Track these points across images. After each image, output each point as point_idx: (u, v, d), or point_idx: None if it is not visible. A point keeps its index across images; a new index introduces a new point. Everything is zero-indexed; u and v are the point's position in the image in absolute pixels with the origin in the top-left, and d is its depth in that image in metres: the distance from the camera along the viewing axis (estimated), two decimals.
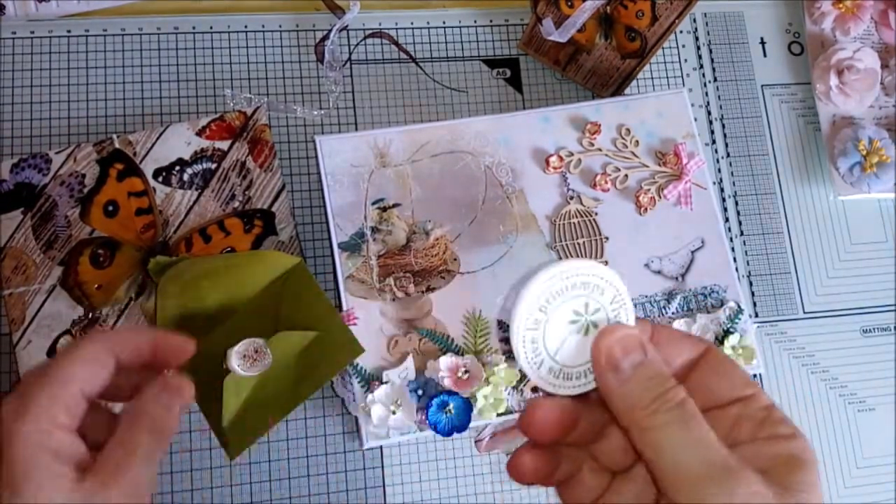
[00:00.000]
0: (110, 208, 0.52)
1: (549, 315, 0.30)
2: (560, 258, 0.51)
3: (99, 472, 0.30)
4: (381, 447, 0.53)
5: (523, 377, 0.48)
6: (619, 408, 0.29)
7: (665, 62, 0.65)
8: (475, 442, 0.54)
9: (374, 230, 0.50)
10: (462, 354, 0.48)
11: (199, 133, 0.54)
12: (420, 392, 0.47)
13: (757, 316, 0.60)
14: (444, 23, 0.63)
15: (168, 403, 0.34)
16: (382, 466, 0.53)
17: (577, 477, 0.31)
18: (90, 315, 0.50)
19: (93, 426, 0.33)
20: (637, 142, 0.54)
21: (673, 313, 0.51)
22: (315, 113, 0.59)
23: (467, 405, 0.47)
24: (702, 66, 0.65)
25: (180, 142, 0.54)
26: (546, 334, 0.30)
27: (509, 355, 0.48)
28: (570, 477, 0.31)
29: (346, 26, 0.60)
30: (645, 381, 0.28)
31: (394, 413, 0.47)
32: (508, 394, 0.48)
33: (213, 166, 0.54)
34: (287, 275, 0.47)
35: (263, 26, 0.61)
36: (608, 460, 0.31)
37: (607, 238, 0.52)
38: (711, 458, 0.26)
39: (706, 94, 0.65)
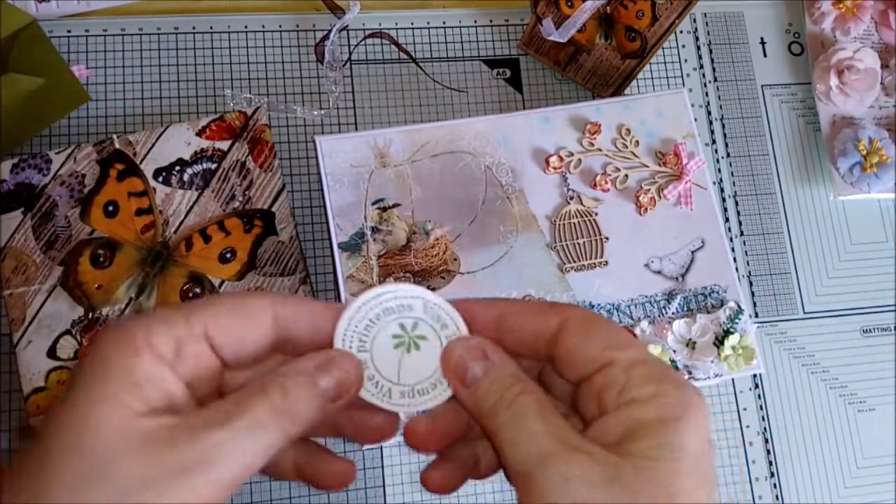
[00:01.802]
0: (110, 208, 0.52)
1: (370, 351, 0.30)
2: (560, 258, 0.51)
3: (167, 423, 0.25)
4: (381, 447, 0.53)
5: None
6: (474, 418, 0.29)
7: (665, 62, 0.65)
8: None
9: (374, 230, 0.50)
10: None
11: (200, 133, 0.54)
12: None
13: (757, 316, 0.60)
14: (444, 23, 0.63)
15: (317, 385, 0.27)
16: (382, 466, 0.53)
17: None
18: (90, 315, 0.50)
19: None
20: (637, 142, 0.54)
21: (673, 313, 0.51)
22: (315, 113, 0.59)
23: None
24: (702, 66, 0.65)
25: (180, 142, 0.54)
26: (378, 367, 0.30)
27: None
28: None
29: (346, 26, 0.60)
30: (487, 386, 0.28)
31: None
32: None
33: (214, 166, 0.54)
34: (19, 31, 0.52)
35: (263, 26, 0.61)
36: None
37: (607, 238, 0.52)
38: (536, 450, 0.25)
39: (706, 94, 0.65)
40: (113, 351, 0.25)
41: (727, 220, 0.62)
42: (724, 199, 0.62)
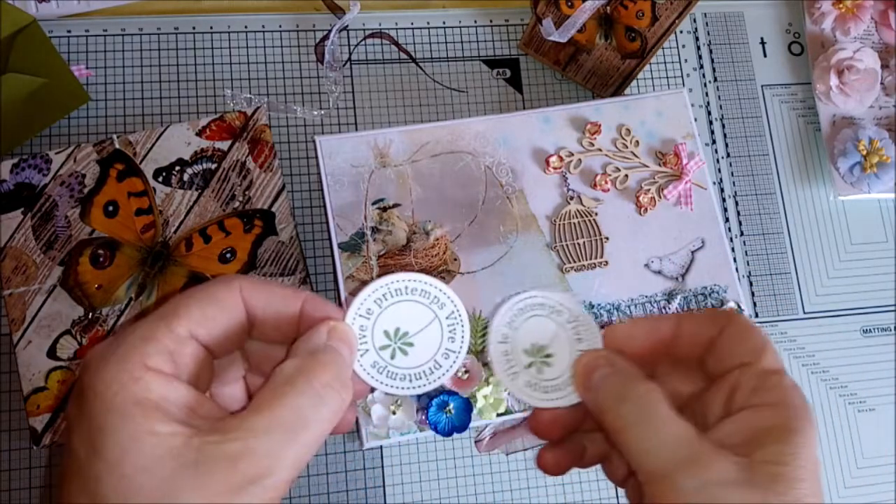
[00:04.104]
0: (110, 208, 0.52)
1: (513, 337, 0.35)
2: (560, 258, 0.51)
3: (214, 441, 0.24)
4: (381, 447, 0.53)
5: None
6: (595, 417, 0.30)
7: (665, 62, 0.65)
8: (475, 442, 0.54)
9: (375, 230, 0.50)
10: None
11: (200, 133, 0.54)
12: None
13: (757, 316, 0.60)
14: (444, 23, 0.63)
15: (339, 359, 0.28)
16: (382, 466, 0.53)
17: (609, 457, 0.33)
18: (90, 315, 0.50)
19: (229, 385, 0.29)
20: (637, 142, 0.54)
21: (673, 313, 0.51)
22: (315, 113, 0.59)
23: (467, 405, 0.47)
24: (702, 66, 0.65)
25: (180, 142, 0.54)
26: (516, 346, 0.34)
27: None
28: (604, 457, 0.33)
29: (346, 26, 0.60)
30: (609, 387, 0.30)
31: (394, 413, 0.47)
32: (508, 394, 0.48)
33: (213, 166, 0.54)
34: (19, 31, 0.52)
35: (263, 26, 0.61)
36: None
37: (607, 238, 0.52)
38: (672, 454, 0.27)
39: (706, 94, 0.65)
40: (117, 388, 0.24)
41: (727, 220, 0.62)
42: (724, 199, 0.62)
